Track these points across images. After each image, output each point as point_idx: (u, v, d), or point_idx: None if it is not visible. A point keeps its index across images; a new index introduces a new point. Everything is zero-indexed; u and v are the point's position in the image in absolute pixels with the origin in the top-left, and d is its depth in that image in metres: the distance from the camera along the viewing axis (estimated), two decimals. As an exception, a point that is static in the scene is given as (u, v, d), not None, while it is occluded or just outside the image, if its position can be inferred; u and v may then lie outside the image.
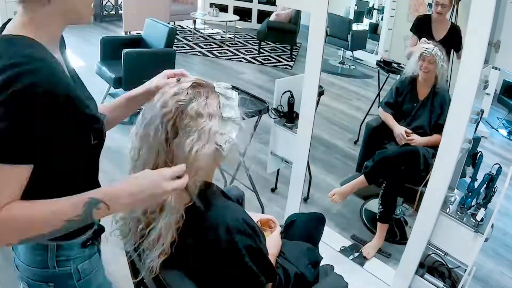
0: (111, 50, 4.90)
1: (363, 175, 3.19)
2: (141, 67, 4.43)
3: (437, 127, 3.06)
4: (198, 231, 1.30)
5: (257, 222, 1.83)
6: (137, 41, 5.16)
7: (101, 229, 1.37)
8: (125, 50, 4.46)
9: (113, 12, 9.20)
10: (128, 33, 7.77)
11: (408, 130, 3.16)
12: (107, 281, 1.43)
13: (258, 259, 1.38)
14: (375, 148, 3.32)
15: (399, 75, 3.71)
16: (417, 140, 3.11)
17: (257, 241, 1.38)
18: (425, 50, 3.07)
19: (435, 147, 2.89)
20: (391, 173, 3.05)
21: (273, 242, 1.77)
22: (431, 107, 3.17)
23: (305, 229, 2.15)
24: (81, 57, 6.66)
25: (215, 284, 1.35)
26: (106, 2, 9.06)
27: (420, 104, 3.23)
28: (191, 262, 1.34)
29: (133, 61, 4.46)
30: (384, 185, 3.10)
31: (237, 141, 1.30)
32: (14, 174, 0.99)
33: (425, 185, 2.81)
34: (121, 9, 8.28)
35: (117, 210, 1.15)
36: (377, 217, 3.15)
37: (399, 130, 3.19)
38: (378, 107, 3.49)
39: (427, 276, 2.60)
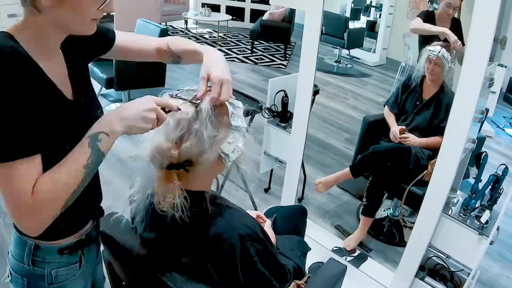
0: (102, 50, 4.85)
1: (348, 167, 3.17)
2: (133, 67, 4.43)
3: (439, 129, 2.98)
4: (208, 241, 1.30)
5: None
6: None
7: (87, 240, 1.37)
8: (117, 51, 4.41)
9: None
10: (119, 33, 7.70)
11: (403, 127, 3.09)
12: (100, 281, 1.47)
13: (270, 262, 1.40)
14: (371, 143, 3.27)
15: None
16: (412, 139, 3.05)
17: (267, 244, 1.40)
18: (431, 53, 2.98)
19: (433, 149, 2.84)
20: (377, 168, 3.04)
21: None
22: (434, 108, 3.09)
23: (290, 223, 2.17)
24: None
25: None
26: None
27: (424, 104, 3.15)
28: (204, 271, 1.34)
29: (125, 61, 4.34)
30: (370, 178, 3.08)
31: (244, 150, 1.32)
32: (32, 165, 1.03)
33: (415, 185, 2.81)
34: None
35: (117, 134, 1.12)
36: (361, 210, 3.13)
37: (394, 129, 3.14)
38: (384, 105, 3.42)
39: (427, 279, 2.53)
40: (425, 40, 3.26)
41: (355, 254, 3.02)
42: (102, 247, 1.53)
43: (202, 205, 1.32)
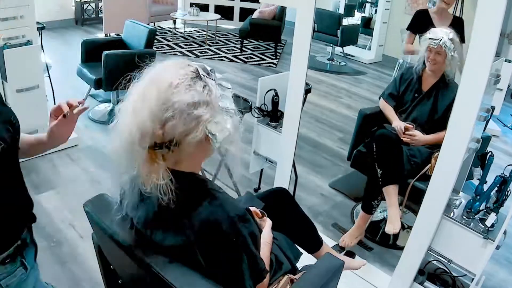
0: (92, 52, 4.97)
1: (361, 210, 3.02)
2: (121, 68, 4.37)
3: (440, 123, 2.84)
4: (198, 225, 1.27)
5: None
6: (118, 43, 5.23)
7: (23, 245, 1.43)
8: (105, 52, 4.50)
9: (93, 16, 9.31)
10: (108, 35, 7.77)
11: (409, 125, 2.93)
12: (41, 286, 1.54)
13: (257, 245, 1.39)
14: (367, 137, 3.17)
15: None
16: (419, 136, 2.89)
17: (254, 226, 1.40)
18: (432, 42, 2.84)
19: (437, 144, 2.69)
20: (384, 152, 2.85)
21: (266, 237, 1.75)
22: (434, 101, 2.96)
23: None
24: (63, 59, 6.79)
25: (221, 275, 1.33)
26: (87, 6, 9.15)
27: (423, 96, 3.02)
28: (194, 256, 1.31)
29: (113, 62, 4.49)
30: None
31: (233, 132, 1.29)
32: None
33: (418, 180, 2.72)
34: (101, 13, 8.39)
35: None
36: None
37: (398, 124, 2.97)
38: (379, 98, 3.33)
39: (427, 284, 2.47)
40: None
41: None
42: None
43: (190, 187, 1.31)
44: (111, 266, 1.66)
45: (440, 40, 2.78)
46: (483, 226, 2.16)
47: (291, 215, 2.23)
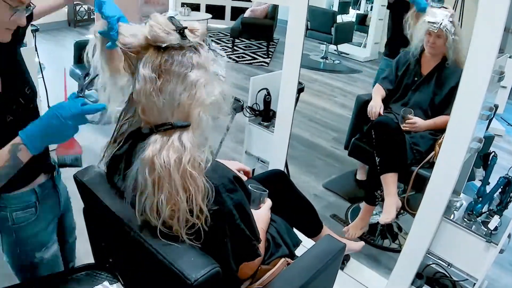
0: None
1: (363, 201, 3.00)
2: None
3: (442, 108, 2.78)
4: None
5: None
6: (110, 43, 5.20)
7: (42, 190, 1.61)
8: (98, 53, 4.45)
9: (86, 17, 9.41)
10: (100, 36, 7.76)
11: (410, 111, 2.85)
12: (45, 234, 1.66)
13: (247, 219, 1.32)
14: (364, 124, 3.09)
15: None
16: (419, 124, 2.80)
17: (242, 196, 1.31)
18: (432, 26, 2.74)
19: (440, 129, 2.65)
20: (385, 141, 2.78)
21: (263, 216, 1.69)
22: (436, 84, 2.85)
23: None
24: (56, 60, 6.82)
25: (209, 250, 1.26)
26: (80, 8, 9.23)
27: (423, 79, 2.92)
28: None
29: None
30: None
31: (219, 99, 1.24)
32: None
33: (422, 167, 2.66)
34: (94, 14, 8.43)
35: (37, 149, 1.31)
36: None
37: (376, 106, 2.93)
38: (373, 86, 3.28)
39: None
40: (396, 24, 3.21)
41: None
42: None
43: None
44: (102, 244, 1.67)
45: (441, 24, 2.68)
46: (486, 229, 2.10)
47: (289, 198, 2.20)
